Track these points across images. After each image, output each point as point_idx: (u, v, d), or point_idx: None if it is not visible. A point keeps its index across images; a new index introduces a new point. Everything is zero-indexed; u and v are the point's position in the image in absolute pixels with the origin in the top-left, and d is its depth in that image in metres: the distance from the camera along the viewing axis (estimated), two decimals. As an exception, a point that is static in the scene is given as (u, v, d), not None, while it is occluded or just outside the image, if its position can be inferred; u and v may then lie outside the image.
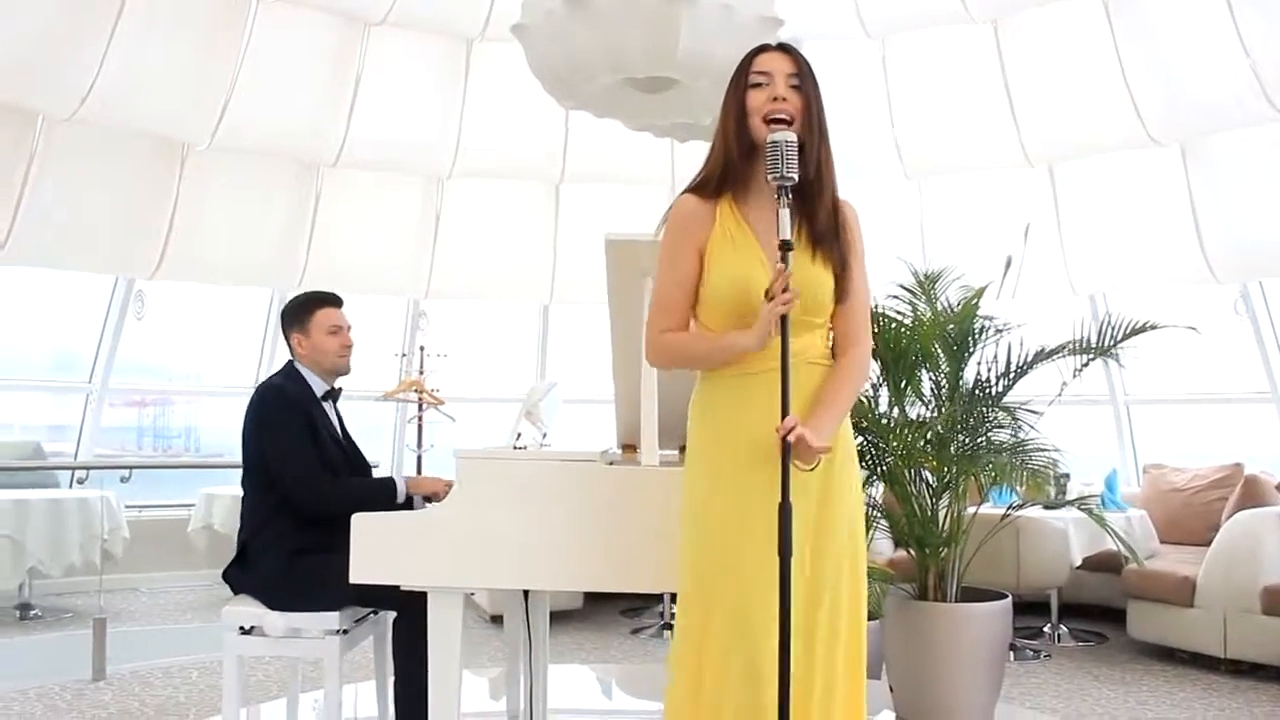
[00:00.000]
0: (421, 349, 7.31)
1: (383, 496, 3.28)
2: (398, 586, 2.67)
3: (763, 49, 2.26)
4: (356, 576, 2.60)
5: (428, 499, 3.35)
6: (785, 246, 2.00)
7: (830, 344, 2.27)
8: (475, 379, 8.24)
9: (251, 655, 3.41)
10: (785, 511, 1.95)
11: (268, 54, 7.16)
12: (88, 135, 6.77)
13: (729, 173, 2.22)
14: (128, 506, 6.82)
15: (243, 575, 3.29)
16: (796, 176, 2.02)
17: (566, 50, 3.75)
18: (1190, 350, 5.38)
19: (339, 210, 7.94)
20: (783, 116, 2.14)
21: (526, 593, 3.16)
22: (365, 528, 2.61)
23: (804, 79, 2.19)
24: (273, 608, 3.15)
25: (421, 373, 7.08)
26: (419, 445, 7.11)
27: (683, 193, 2.28)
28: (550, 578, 2.59)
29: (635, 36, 3.56)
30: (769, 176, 2.02)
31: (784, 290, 1.99)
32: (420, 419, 7.11)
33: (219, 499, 7.02)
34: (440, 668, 2.57)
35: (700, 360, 2.23)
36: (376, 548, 2.59)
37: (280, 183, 7.75)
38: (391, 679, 3.19)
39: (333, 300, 3.55)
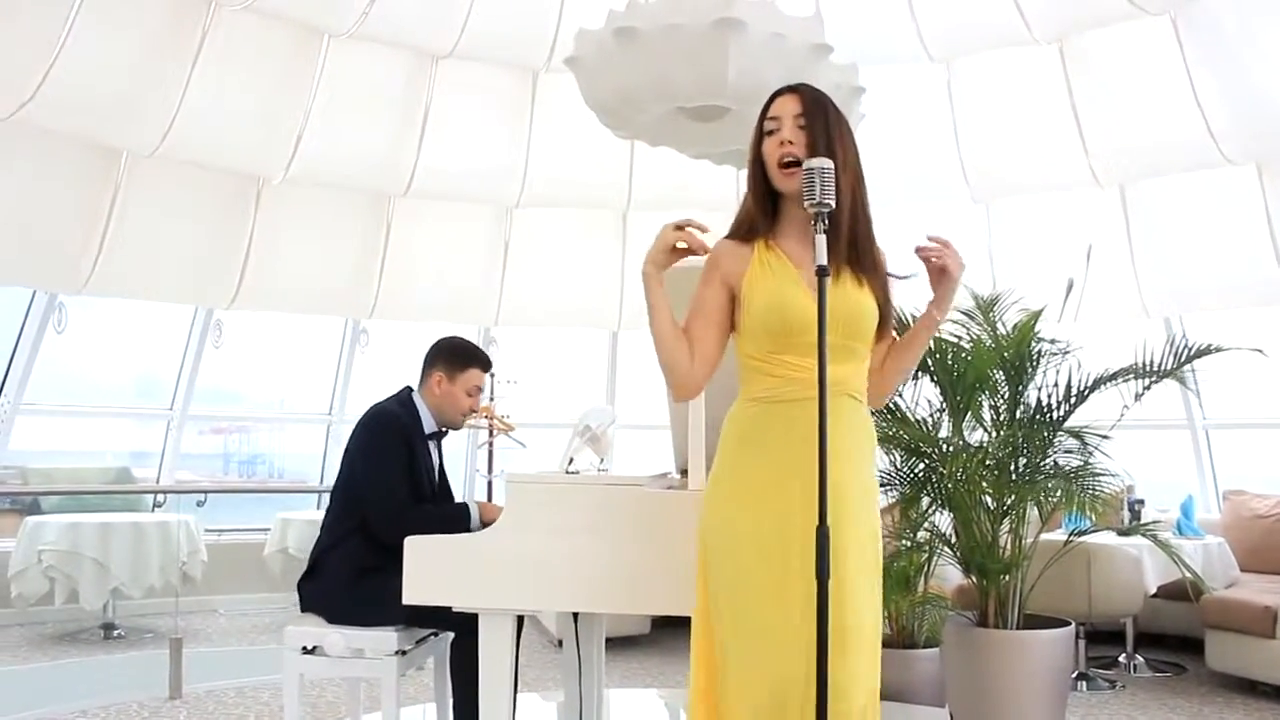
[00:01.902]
0: (492, 376, 7.41)
1: (455, 524, 3.33)
2: (452, 608, 2.73)
3: (778, 93, 2.30)
4: (410, 597, 2.66)
5: None
6: (821, 272, 2.01)
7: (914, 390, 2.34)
8: (545, 405, 8.32)
9: (312, 676, 3.48)
10: (823, 535, 1.96)
11: (339, 89, 7.37)
12: (168, 171, 7.03)
13: (758, 219, 2.27)
14: (207, 530, 7.01)
15: (311, 587, 3.37)
16: (833, 203, 2.03)
17: (618, 81, 3.82)
18: (1272, 374, 5.23)
19: (410, 240, 8.10)
20: (791, 160, 2.19)
21: (577, 616, 3.19)
22: (418, 549, 2.67)
23: (811, 116, 2.21)
24: (333, 621, 3.22)
25: (492, 399, 7.18)
26: (489, 471, 7.20)
27: (720, 239, 2.32)
28: (598, 600, 2.62)
29: (685, 66, 3.61)
30: (805, 203, 2.04)
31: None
32: (490, 445, 7.20)
33: (293, 523, 7.17)
34: (491, 689, 2.62)
35: (654, 330, 2.24)
36: (429, 569, 2.65)
37: (352, 214, 7.95)
38: (451, 701, 3.24)
39: (487, 364, 3.65)
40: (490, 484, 7.21)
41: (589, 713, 3.37)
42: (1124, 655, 5.65)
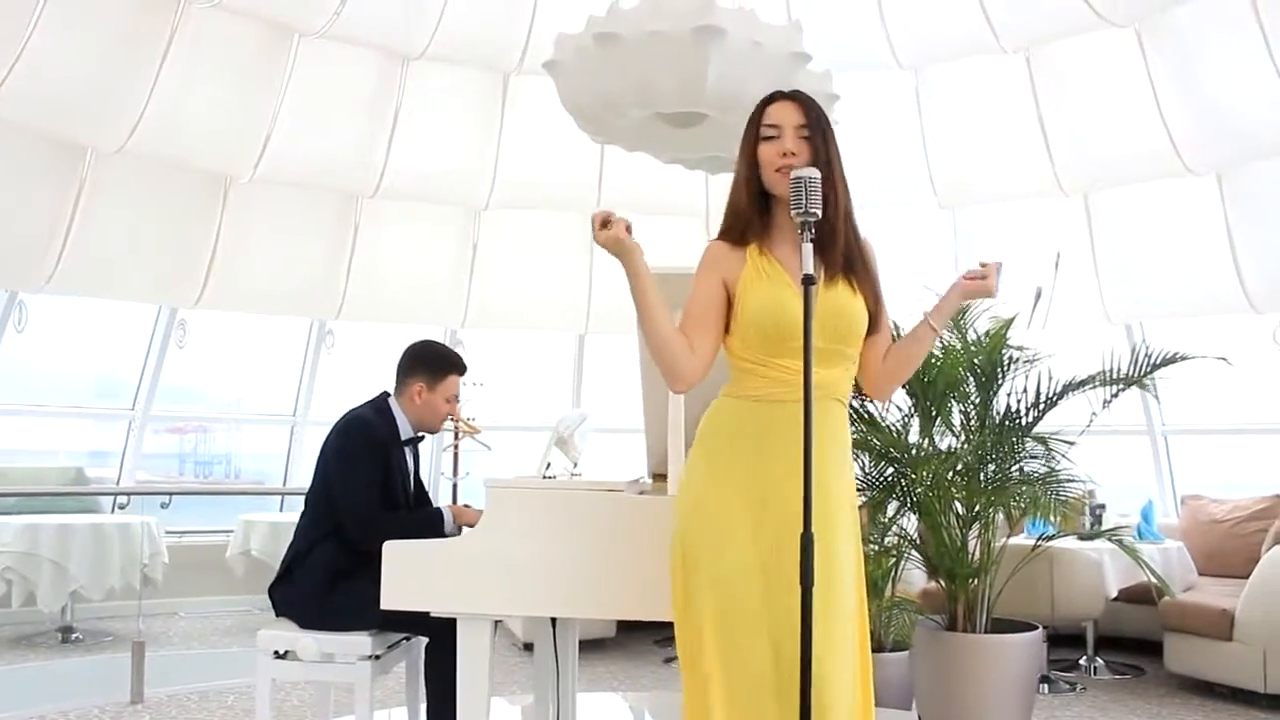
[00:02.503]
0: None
1: (429, 528, 3.33)
2: (429, 613, 2.72)
3: (774, 98, 2.30)
4: (388, 602, 2.65)
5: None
6: (808, 281, 2.03)
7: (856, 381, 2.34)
8: (511, 408, 8.30)
9: (284, 679, 3.46)
10: (807, 542, 1.97)
11: (309, 88, 7.32)
12: (134, 168, 6.94)
13: (750, 222, 2.27)
14: (168, 532, 6.92)
15: (284, 592, 3.34)
16: (820, 212, 2.06)
17: (597, 86, 3.82)
18: (1229, 380, 5.33)
19: (378, 241, 8.06)
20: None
21: (554, 620, 3.19)
22: (396, 554, 2.66)
23: (813, 129, 2.23)
24: (307, 626, 3.20)
25: (458, 401, 7.14)
26: (454, 474, 7.17)
27: (715, 239, 2.34)
28: (577, 605, 2.62)
29: (665, 72, 3.62)
30: (793, 213, 2.06)
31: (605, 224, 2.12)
32: (456, 448, 7.17)
33: (257, 525, 7.11)
34: (469, 694, 2.61)
35: (641, 316, 2.23)
36: (407, 574, 2.63)
37: (320, 214, 7.89)
38: (423, 705, 3.22)
39: (463, 369, 3.63)
40: (455, 487, 7.17)
41: (565, 716, 3.37)
42: (1084, 658, 5.72)
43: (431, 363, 3.55)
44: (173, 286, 7.45)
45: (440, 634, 3.01)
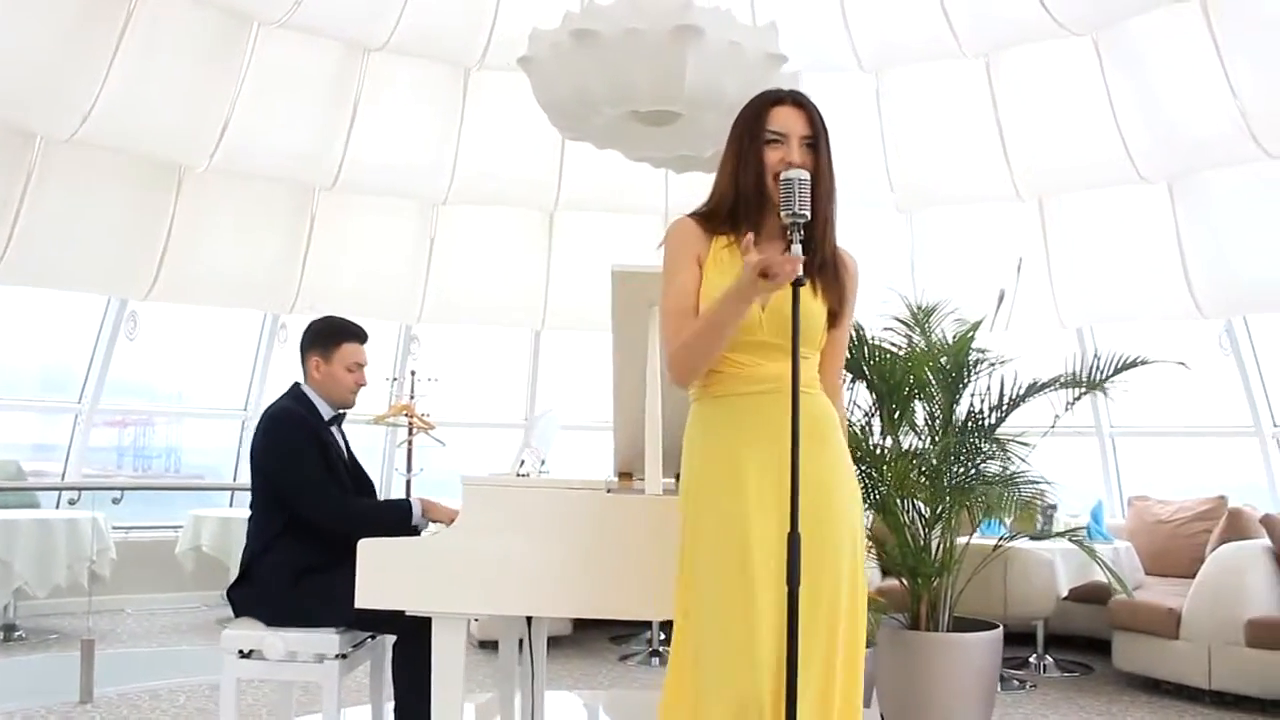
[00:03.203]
0: (413, 373, 7.33)
1: (397, 516, 3.30)
2: (399, 610, 2.69)
3: (778, 100, 2.28)
4: (362, 601, 2.62)
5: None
6: (798, 283, 2.03)
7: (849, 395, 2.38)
8: (465, 404, 8.26)
9: (249, 679, 3.41)
10: (794, 540, 1.99)
11: (267, 78, 7.21)
12: (85, 156, 6.79)
13: (735, 217, 2.24)
14: (114, 528, 6.79)
15: (246, 593, 3.29)
16: (809, 214, 2.05)
17: (573, 83, 3.80)
18: (1175, 384, 5.45)
19: (334, 234, 7.97)
20: None
21: (530, 619, 3.18)
22: (371, 552, 2.63)
23: (818, 138, 2.24)
24: (273, 624, 3.15)
25: (412, 397, 7.10)
26: (408, 470, 7.12)
27: (687, 215, 2.32)
28: (556, 604, 2.62)
29: (642, 71, 3.61)
30: (782, 213, 2.06)
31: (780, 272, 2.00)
32: (410, 443, 7.12)
33: (208, 521, 6.98)
34: (444, 694, 2.59)
35: (707, 335, 2.16)
36: (382, 572, 2.60)
37: (276, 206, 7.79)
38: (388, 704, 3.19)
39: (360, 336, 3.56)
40: (409, 483, 7.12)
41: (538, 715, 3.36)
42: (1034, 656, 5.81)
43: (322, 335, 3.51)
44: (124, 278, 7.30)
45: (409, 632, 2.98)
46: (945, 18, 7.01)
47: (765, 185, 2.20)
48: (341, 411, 3.55)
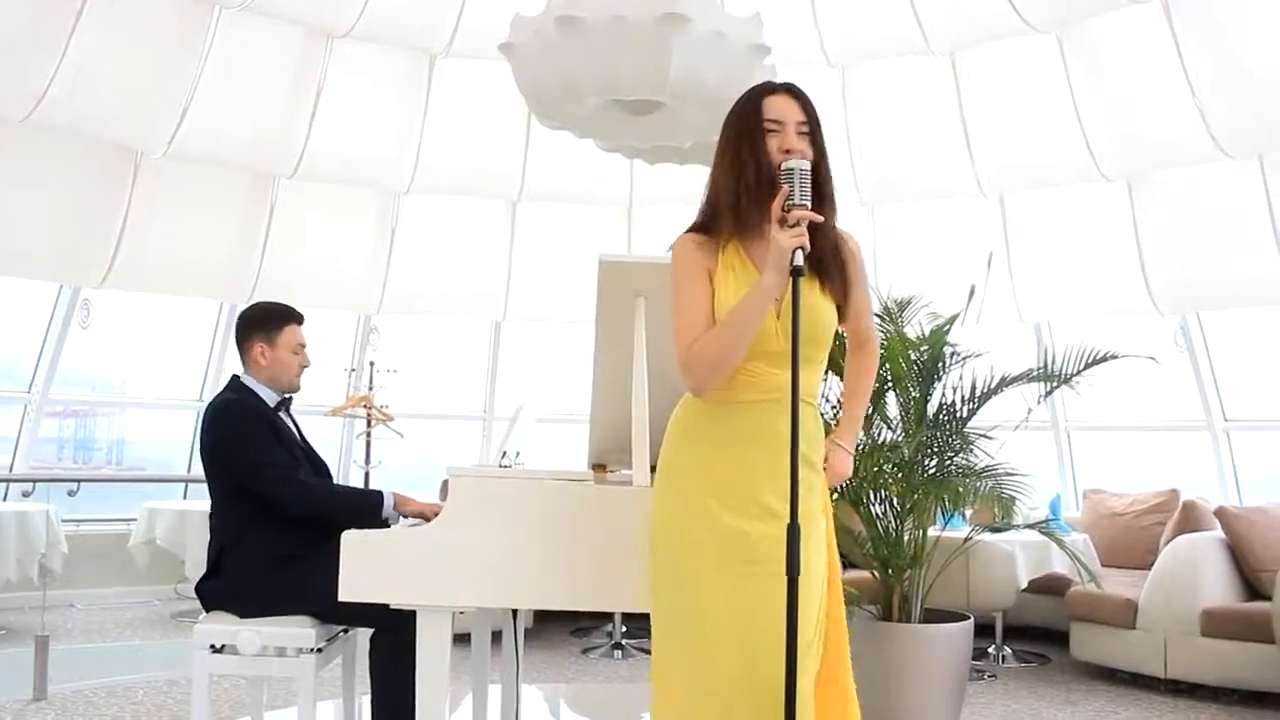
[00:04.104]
0: (371, 364, 7.25)
1: (367, 507, 3.25)
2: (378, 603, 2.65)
3: (771, 90, 2.26)
4: (346, 594, 2.57)
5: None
6: (796, 273, 2.03)
7: (822, 387, 2.37)
8: (425, 395, 8.19)
9: (222, 674, 3.34)
10: (794, 533, 1.98)
11: (228, 63, 7.08)
12: (39, 140, 6.62)
13: (737, 215, 2.21)
14: (64, 521, 6.64)
15: (217, 585, 3.23)
16: (810, 203, 2.05)
17: (556, 71, 3.76)
18: (1131, 380, 5.55)
19: (294, 222, 7.85)
20: None
21: (515, 611, 3.15)
22: (356, 545, 2.59)
23: (813, 125, 2.22)
24: (247, 616, 3.10)
25: (371, 389, 7.02)
26: (367, 462, 7.04)
27: (685, 232, 2.29)
28: (544, 596, 2.59)
29: (627, 60, 3.57)
30: (785, 203, 2.06)
31: (789, 211, 2.05)
32: (368, 435, 7.04)
33: (162, 513, 6.83)
34: (429, 688, 2.55)
35: (731, 341, 2.13)
36: (367, 565, 2.56)
37: (235, 193, 7.65)
38: (362, 698, 3.15)
39: (299, 318, 3.52)
40: (367, 475, 7.04)
41: (521, 707, 3.33)
42: (993, 647, 5.89)
43: (263, 320, 3.48)
44: (77, 265, 7.13)
45: (387, 625, 2.94)
46: (914, 14, 7.05)
47: (770, 174, 2.17)
48: (288, 396, 3.50)
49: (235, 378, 3.47)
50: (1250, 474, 7.00)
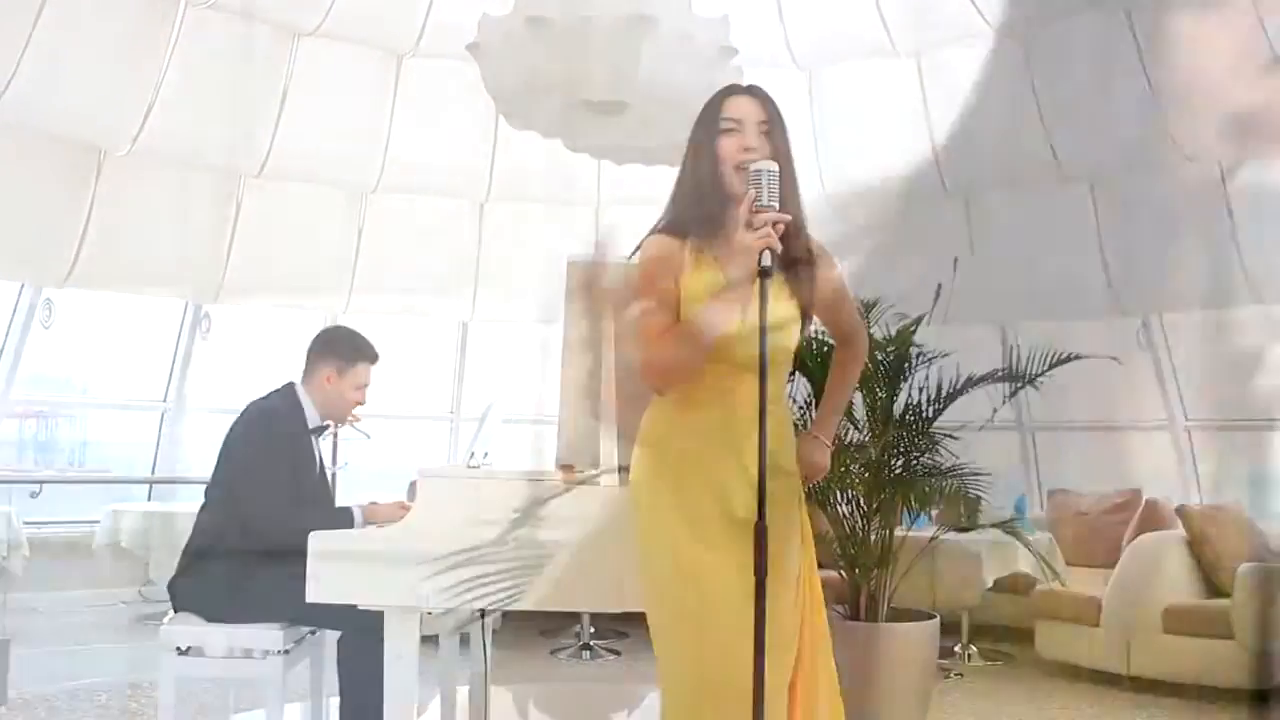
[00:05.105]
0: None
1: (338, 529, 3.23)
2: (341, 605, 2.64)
3: (732, 91, 2.27)
4: (313, 595, 2.57)
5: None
6: (765, 274, 2.03)
7: (789, 388, 2.38)
8: (391, 395, 8.14)
9: (189, 677, 3.32)
10: (761, 532, 2.00)
11: (193, 60, 7.02)
12: (0, 138, 6.52)
13: (699, 216, 2.22)
14: (26, 523, 6.55)
15: (187, 584, 3.20)
16: (778, 205, 2.05)
17: (524, 71, 3.76)
18: (1091, 378, 5.61)
19: (260, 221, 7.79)
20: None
21: (483, 612, 3.15)
22: (322, 545, 2.58)
23: (774, 125, 2.22)
24: (213, 619, 3.07)
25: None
26: (334, 463, 7.00)
27: (651, 233, 2.28)
28: (513, 597, 2.59)
29: (595, 60, 3.58)
30: (752, 205, 2.06)
31: (757, 213, 2.04)
32: (335, 436, 7.00)
33: (127, 515, 6.76)
34: (396, 689, 2.55)
35: (695, 341, 2.13)
36: (334, 566, 2.56)
37: (201, 191, 7.58)
38: (330, 700, 3.14)
39: (374, 358, 3.55)
40: (334, 476, 7.00)
41: (490, 709, 3.33)
42: (959, 645, 5.95)
43: (343, 350, 3.49)
44: (39, 263, 7.05)
45: (354, 627, 2.93)
46: (880, 16, 7.10)
47: (720, 175, 2.19)
48: (327, 424, 3.48)
49: (291, 385, 3.45)
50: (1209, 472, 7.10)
